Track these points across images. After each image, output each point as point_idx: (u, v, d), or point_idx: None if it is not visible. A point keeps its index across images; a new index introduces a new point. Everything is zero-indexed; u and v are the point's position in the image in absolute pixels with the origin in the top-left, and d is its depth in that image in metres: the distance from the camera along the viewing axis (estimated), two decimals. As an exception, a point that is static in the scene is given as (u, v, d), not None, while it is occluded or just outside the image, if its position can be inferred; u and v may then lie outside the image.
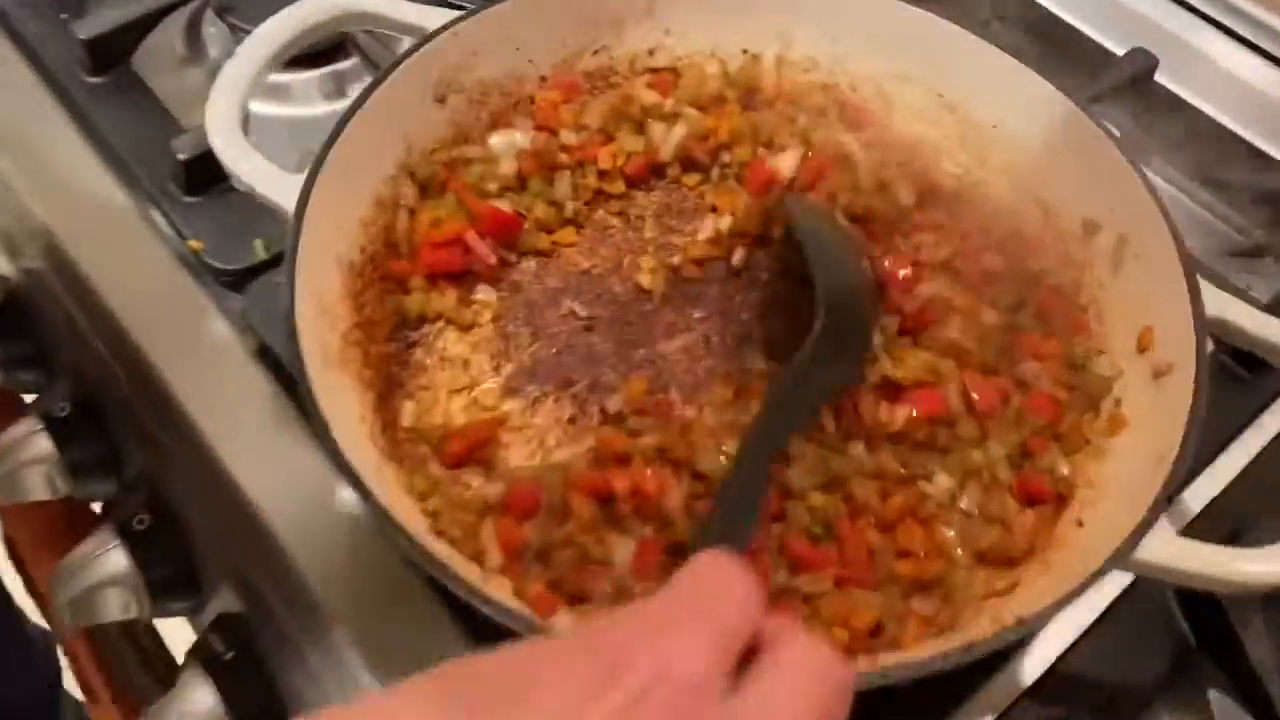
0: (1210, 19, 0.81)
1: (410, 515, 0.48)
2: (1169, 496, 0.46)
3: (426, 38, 0.58)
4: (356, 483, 0.44)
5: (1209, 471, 0.59)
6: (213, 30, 0.78)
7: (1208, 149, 0.75)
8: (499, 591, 0.46)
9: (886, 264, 0.56)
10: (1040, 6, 0.81)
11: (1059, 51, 0.78)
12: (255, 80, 0.56)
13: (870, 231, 0.58)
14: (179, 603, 0.63)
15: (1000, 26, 0.79)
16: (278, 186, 0.52)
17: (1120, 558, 0.44)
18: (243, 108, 0.55)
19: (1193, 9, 0.82)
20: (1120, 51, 0.77)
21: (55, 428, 0.65)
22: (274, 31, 0.57)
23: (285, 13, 0.58)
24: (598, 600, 0.47)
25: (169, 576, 0.61)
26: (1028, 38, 0.79)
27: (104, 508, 0.75)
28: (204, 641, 0.59)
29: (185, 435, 0.58)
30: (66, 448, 0.65)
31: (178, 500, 0.61)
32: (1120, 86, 0.74)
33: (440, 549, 0.46)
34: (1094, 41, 0.80)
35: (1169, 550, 0.45)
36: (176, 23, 0.76)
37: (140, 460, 0.64)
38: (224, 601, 0.61)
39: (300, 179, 0.52)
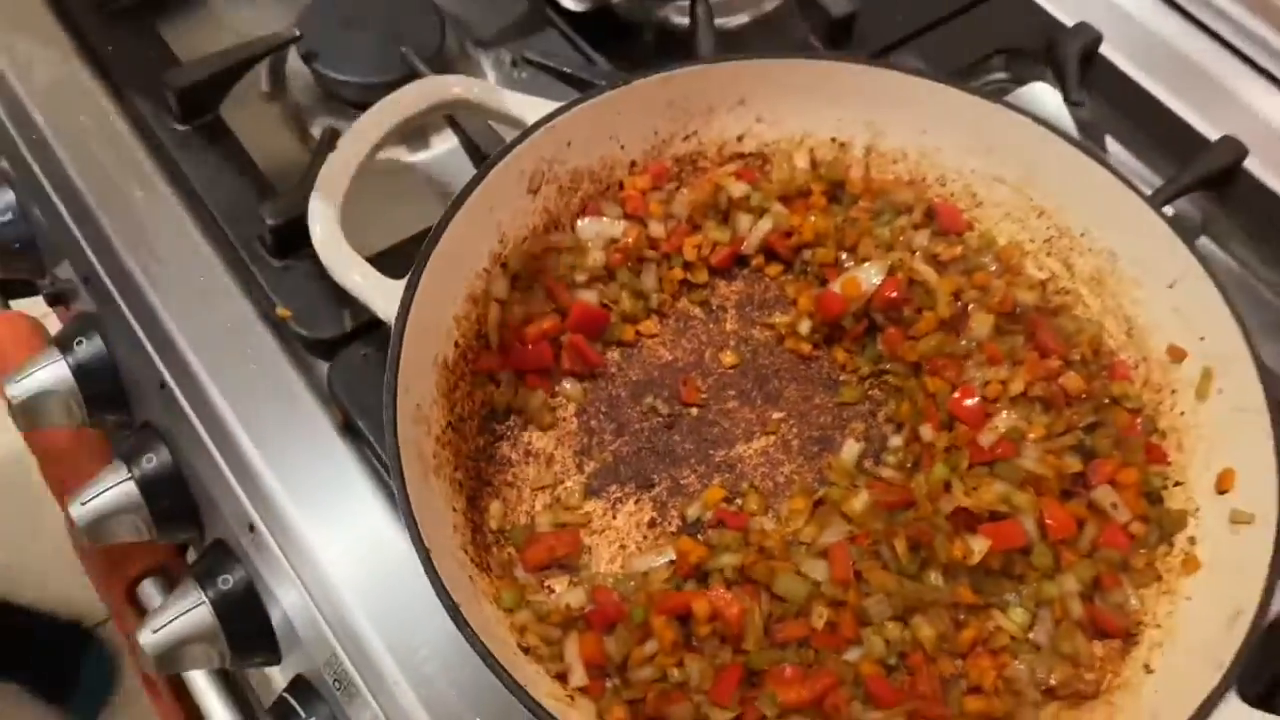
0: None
1: (498, 628, 0.49)
2: (1243, 661, 0.47)
3: (525, 132, 0.58)
4: (454, 612, 0.45)
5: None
6: (297, 75, 0.78)
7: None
8: (583, 715, 0.48)
9: (956, 395, 0.56)
10: (1134, 83, 0.80)
11: (1149, 132, 0.77)
12: (355, 171, 0.56)
13: (940, 366, 0.58)
14: (260, 657, 0.65)
15: (1091, 100, 0.78)
16: (379, 295, 0.53)
17: (1193, 729, 0.45)
18: (340, 208, 0.55)
19: (1287, 90, 0.81)
20: (1213, 136, 0.76)
21: (143, 479, 0.67)
22: (369, 126, 0.58)
23: (386, 101, 0.58)
24: (677, 724, 0.49)
25: (250, 634, 0.63)
26: (1117, 114, 0.78)
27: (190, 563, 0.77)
28: (282, 700, 0.61)
29: (269, 510, 0.60)
30: (151, 499, 0.67)
31: (263, 567, 0.63)
32: (1209, 177, 0.74)
33: (528, 670, 0.48)
34: (1186, 124, 0.78)
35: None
36: (261, 66, 0.77)
37: (223, 525, 0.66)
38: (300, 662, 0.63)
39: (399, 286, 0.53)
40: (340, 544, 0.58)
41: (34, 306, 0.89)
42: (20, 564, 1.63)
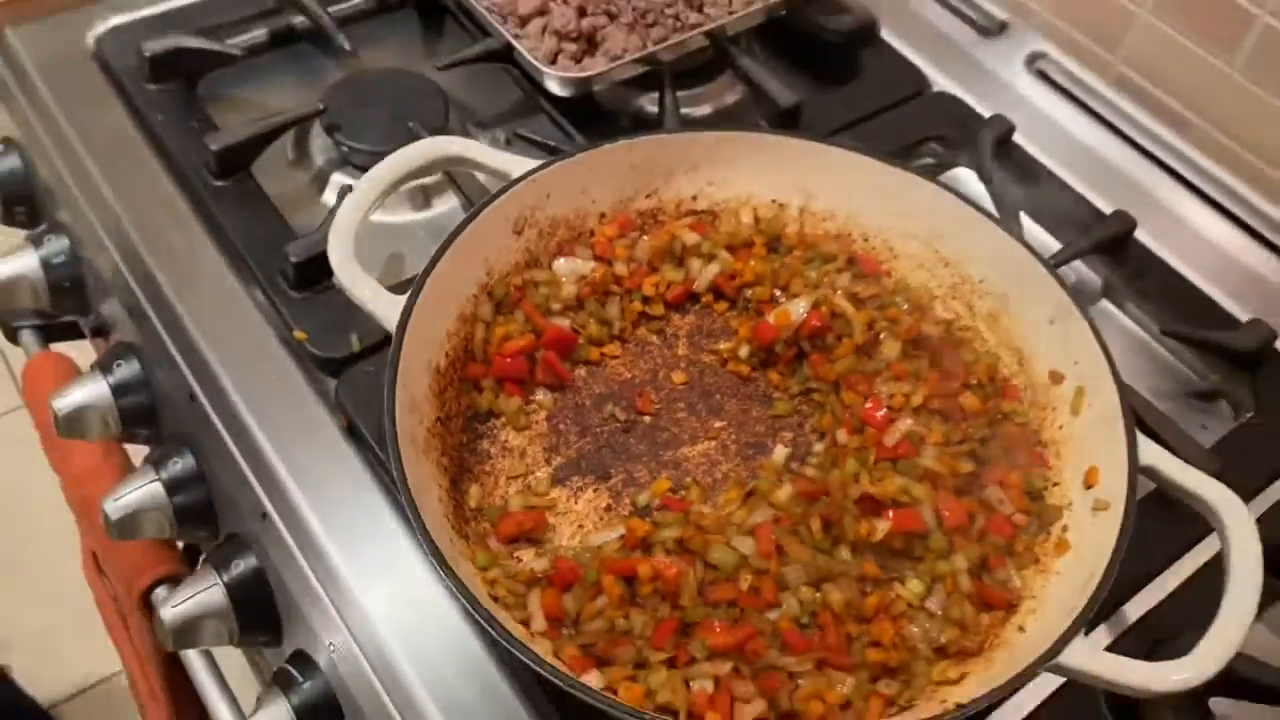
0: (1191, 185, 0.92)
1: (473, 581, 0.59)
2: (1091, 614, 0.56)
3: (510, 183, 0.70)
4: (439, 559, 0.55)
5: (1148, 589, 0.70)
6: (319, 142, 0.91)
7: (1178, 302, 0.85)
8: (541, 651, 0.57)
9: (868, 406, 0.67)
10: (1042, 165, 0.92)
11: (1051, 206, 0.89)
12: (368, 212, 0.68)
13: (854, 382, 0.69)
14: (263, 637, 0.74)
15: (1001, 177, 0.90)
16: (384, 306, 0.64)
17: (1044, 662, 0.54)
18: (355, 237, 0.67)
19: (1176, 175, 0.93)
20: (1108, 210, 0.88)
21: (169, 481, 0.76)
22: (382, 175, 0.69)
23: (392, 159, 0.70)
24: (620, 664, 0.58)
25: (258, 616, 0.72)
26: (1027, 191, 0.90)
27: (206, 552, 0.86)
28: (284, 671, 0.70)
29: (281, 500, 0.69)
30: (175, 497, 0.76)
31: (273, 553, 0.72)
32: (1102, 243, 0.85)
33: (498, 613, 0.57)
34: (1084, 199, 0.90)
35: (1085, 658, 0.55)
36: (288, 133, 0.89)
37: (237, 517, 0.75)
38: (301, 640, 0.72)
39: (402, 300, 0.64)
40: (342, 530, 0.68)
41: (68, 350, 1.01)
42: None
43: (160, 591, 0.88)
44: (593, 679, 0.56)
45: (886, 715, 0.57)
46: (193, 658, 0.80)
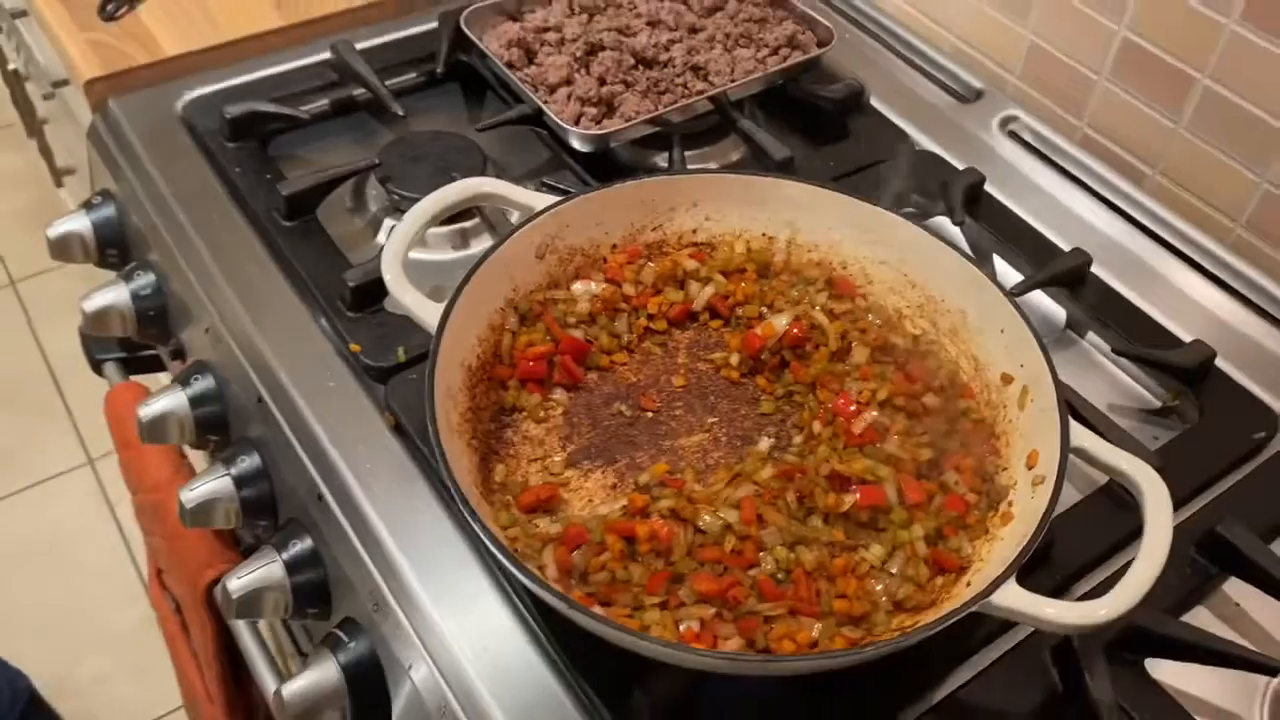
0: (1143, 227, 1.03)
1: (497, 533, 0.69)
2: (1021, 563, 0.65)
3: (534, 214, 0.82)
4: (469, 509, 0.66)
5: (1094, 571, 0.78)
6: (373, 192, 1.04)
7: (1131, 328, 0.95)
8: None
9: (840, 401, 0.77)
10: (1010, 211, 1.03)
11: (1020, 247, 1.00)
12: (414, 238, 0.80)
13: (827, 381, 0.79)
14: (313, 609, 0.84)
15: (973, 222, 1.02)
16: (427, 312, 0.76)
17: (979, 600, 0.63)
18: (405, 256, 0.79)
19: (1131, 219, 1.04)
20: (1066, 248, 0.99)
21: (237, 476, 0.88)
22: (427, 206, 0.82)
23: (436, 193, 0.82)
24: (620, 605, 0.68)
25: (311, 589, 0.83)
26: (996, 234, 1.01)
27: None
28: (333, 634, 0.80)
29: (335, 483, 0.81)
30: (242, 489, 0.88)
31: (325, 532, 0.83)
32: (1060, 275, 0.96)
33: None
34: (1049, 241, 1.01)
35: (1015, 598, 0.64)
36: (347, 184, 1.03)
37: (297, 504, 0.86)
38: (348, 609, 0.82)
39: (440, 308, 0.76)
40: (388, 509, 0.79)
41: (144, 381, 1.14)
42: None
43: (220, 587, 1.00)
44: (597, 611, 0.66)
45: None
46: (244, 635, 0.91)
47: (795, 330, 0.81)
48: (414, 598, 0.75)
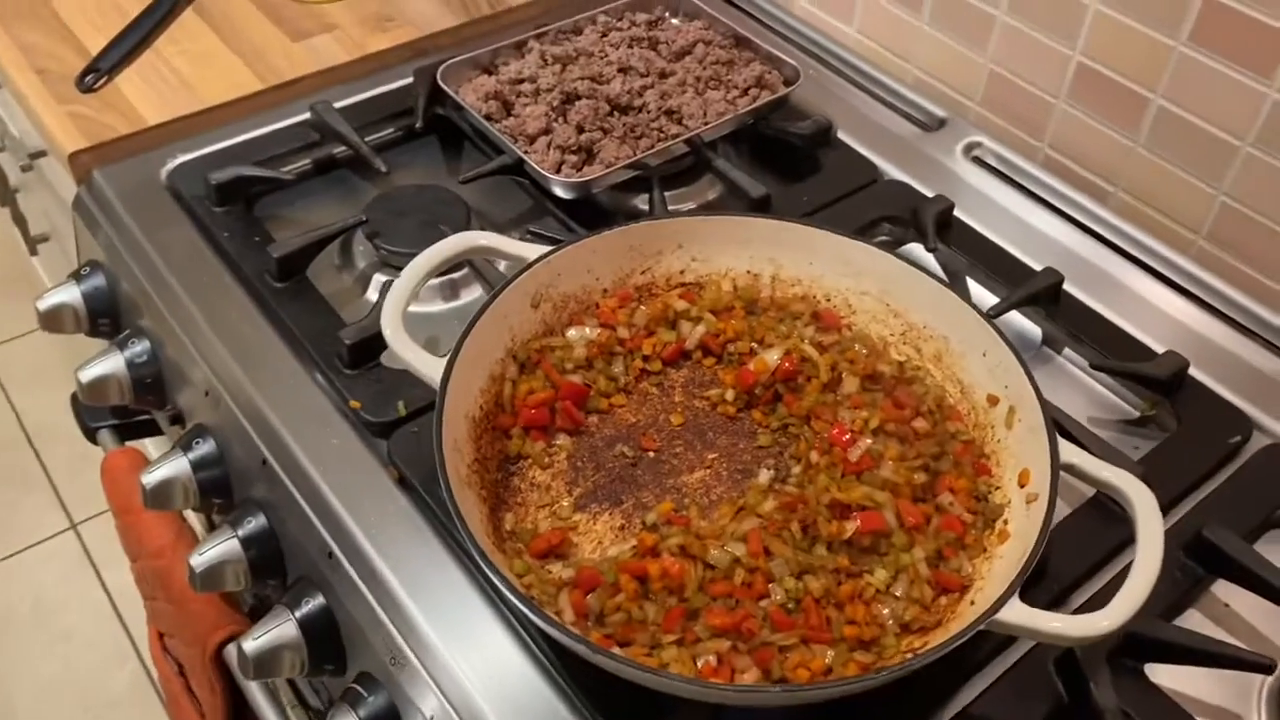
0: (1110, 243, 1.07)
1: (513, 582, 0.71)
2: (1023, 580, 0.68)
3: (528, 265, 0.85)
4: (487, 562, 0.67)
5: (1087, 583, 0.81)
6: (360, 248, 1.06)
7: (1106, 342, 0.98)
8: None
9: (834, 431, 0.80)
10: (981, 235, 1.07)
11: (992, 269, 1.04)
12: (412, 295, 0.82)
13: (821, 412, 0.82)
14: (329, 665, 0.85)
15: (945, 248, 1.05)
16: (429, 368, 0.77)
17: (985, 618, 0.66)
18: (404, 312, 0.81)
19: (1098, 236, 1.08)
20: (1038, 267, 1.03)
21: (244, 537, 0.89)
22: (423, 263, 0.84)
23: (431, 250, 0.84)
24: (638, 645, 0.69)
25: (325, 646, 0.84)
26: (969, 258, 1.05)
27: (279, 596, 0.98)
28: (351, 689, 0.81)
29: (344, 540, 0.82)
30: (250, 550, 0.89)
31: (337, 588, 0.84)
32: (1034, 295, 0.99)
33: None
34: (1020, 261, 1.05)
35: (1020, 615, 0.67)
36: (335, 242, 1.05)
37: (306, 562, 0.87)
38: (365, 663, 0.84)
39: (443, 362, 0.77)
40: (398, 562, 0.80)
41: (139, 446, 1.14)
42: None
43: (231, 649, 1.00)
44: (616, 653, 0.68)
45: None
46: (257, 695, 0.91)
47: (787, 364, 0.84)
48: (431, 648, 0.76)
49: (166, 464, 0.94)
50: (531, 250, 0.86)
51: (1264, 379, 0.96)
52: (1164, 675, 0.77)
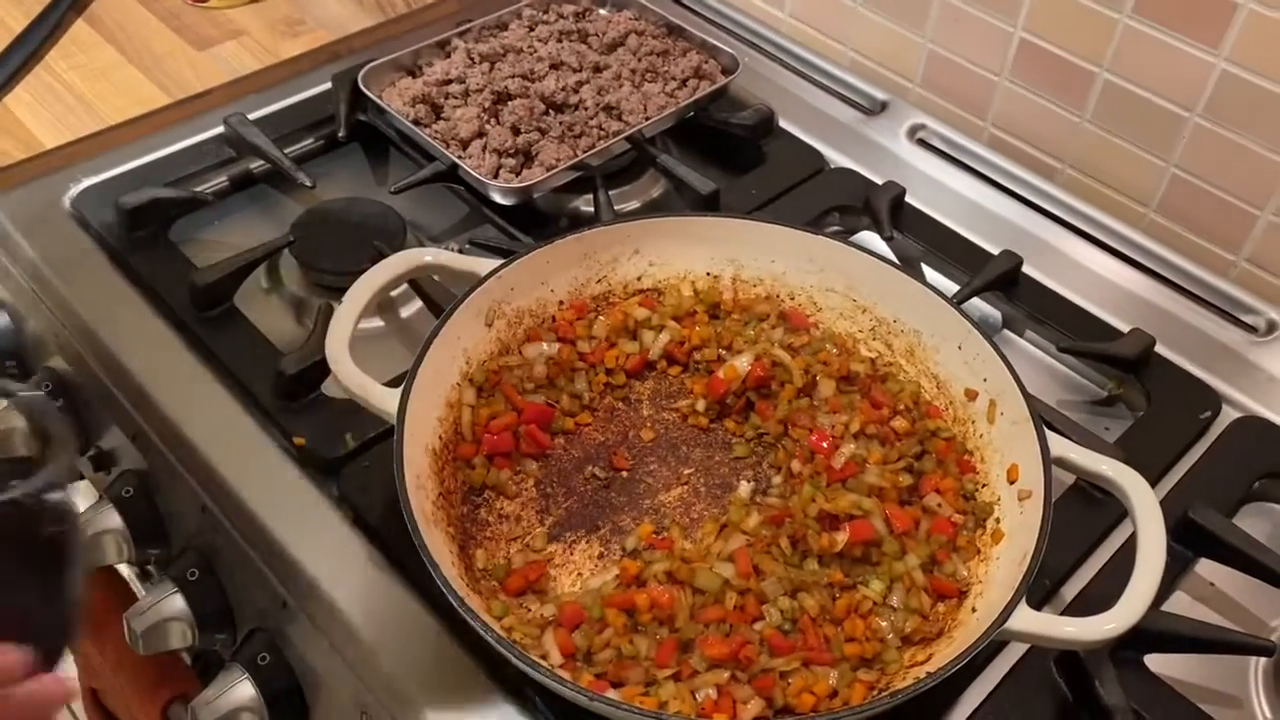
0: (1063, 221, 1.06)
1: (492, 626, 0.66)
2: (1029, 585, 0.65)
3: (479, 281, 0.79)
4: (466, 609, 0.62)
5: (1078, 572, 0.79)
6: (290, 270, 0.99)
7: (1068, 323, 0.96)
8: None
9: (814, 437, 0.76)
10: (933, 220, 1.05)
11: (947, 254, 1.01)
12: (356, 322, 0.76)
13: (799, 419, 0.78)
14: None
15: (900, 235, 1.02)
16: (381, 400, 0.72)
17: (995, 629, 0.63)
18: (349, 341, 0.75)
19: (1050, 214, 1.06)
20: (995, 251, 1.01)
21: (186, 588, 0.82)
22: (364, 289, 0.78)
23: (372, 272, 0.79)
24: (633, 683, 0.65)
25: (285, 701, 0.78)
26: (924, 244, 1.02)
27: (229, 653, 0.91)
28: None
29: (299, 588, 0.76)
30: (195, 603, 0.82)
31: (294, 640, 0.78)
32: (995, 280, 0.97)
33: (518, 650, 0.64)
34: (974, 245, 1.03)
35: (1029, 622, 0.64)
36: (261, 265, 0.98)
37: (258, 614, 0.81)
38: (335, 715, 0.78)
39: (397, 393, 0.72)
40: (364, 611, 0.74)
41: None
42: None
43: (177, 708, 0.94)
44: (613, 696, 0.63)
45: (869, 698, 0.66)
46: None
47: (758, 370, 0.80)
48: (403, 697, 0.71)
49: (96, 515, 0.87)
50: (482, 265, 0.81)
51: (1226, 351, 0.95)
52: (1159, 662, 0.75)
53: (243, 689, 0.77)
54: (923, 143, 1.14)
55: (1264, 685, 0.75)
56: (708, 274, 0.88)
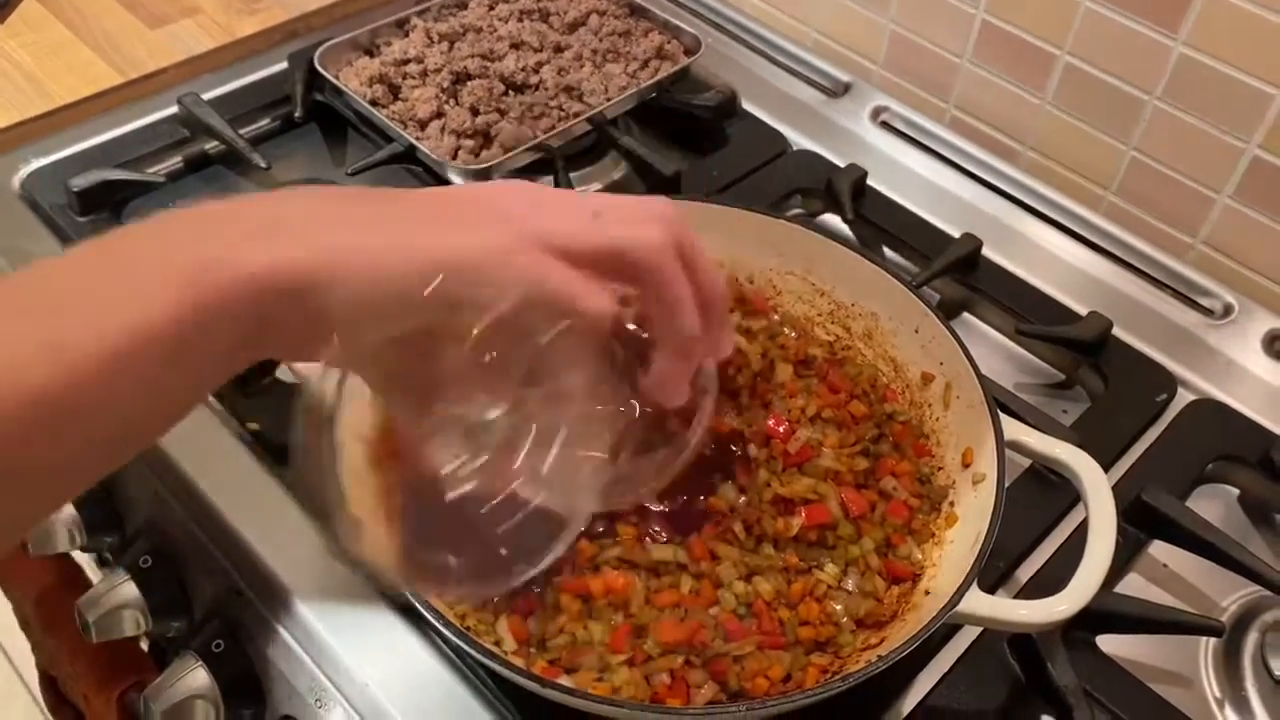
0: (1023, 204, 1.06)
1: (446, 614, 0.66)
2: (980, 569, 0.66)
3: (433, 265, 0.78)
4: (418, 596, 0.62)
5: (1031, 556, 0.80)
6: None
7: (1027, 306, 0.97)
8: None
9: (770, 422, 0.76)
10: (895, 203, 1.04)
11: (908, 237, 1.01)
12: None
13: (757, 401, 0.78)
14: (249, 709, 0.79)
15: (860, 223, 1.02)
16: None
17: (946, 612, 0.63)
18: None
19: (1010, 197, 1.06)
20: (956, 234, 1.01)
21: (138, 575, 0.81)
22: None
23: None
24: (586, 669, 0.65)
25: (240, 688, 0.77)
26: (883, 230, 1.02)
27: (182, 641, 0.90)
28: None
29: (253, 575, 0.75)
30: (147, 590, 0.81)
31: (250, 627, 0.77)
32: (954, 263, 0.97)
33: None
34: (935, 227, 1.03)
35: (980, 605, 0.64)
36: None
37: (212, 601, 0.80)
38: (289, 705, 0.77)
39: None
40: (319, 600, 0.74)
41: None
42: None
43: (133, 695, 0.93)
44: (565, 682, 0.63)
45: (822, 680, 0.66)
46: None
47: (716, 354, 0.79)
48: (360, 686, 0.70)
49: (45, 504, 0.85)
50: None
51: (1181, 333, 0.96)
52: (1110, 643, 0.76)
53: (197, 676, 0.76)
54: (885, 125, 1.14)
55: (1213, 665, 0.76)
56: (666, 257, 0.87)
